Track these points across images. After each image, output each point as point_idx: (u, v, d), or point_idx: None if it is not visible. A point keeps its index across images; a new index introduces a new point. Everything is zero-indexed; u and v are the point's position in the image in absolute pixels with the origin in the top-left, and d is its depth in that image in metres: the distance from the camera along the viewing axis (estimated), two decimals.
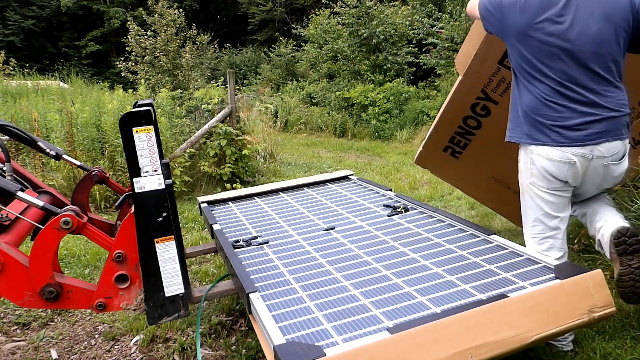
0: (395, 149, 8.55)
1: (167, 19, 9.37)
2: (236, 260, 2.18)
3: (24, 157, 5.55)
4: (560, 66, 1.88)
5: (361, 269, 2.05)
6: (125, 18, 14.21)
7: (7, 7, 21.57)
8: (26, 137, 2.27)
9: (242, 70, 19.16)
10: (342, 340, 1.50)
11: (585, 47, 1.83)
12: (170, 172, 4.00)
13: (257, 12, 22.84)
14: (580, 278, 1.70)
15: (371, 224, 2.59)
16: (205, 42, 12.78)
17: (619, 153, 1.94)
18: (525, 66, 1.98)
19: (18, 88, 9.12)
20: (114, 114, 5.34)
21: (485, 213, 4.26)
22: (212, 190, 5.72)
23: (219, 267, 3.49)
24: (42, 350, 2.58)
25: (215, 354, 2.44)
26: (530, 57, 1.95)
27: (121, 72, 9.95)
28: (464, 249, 2.15)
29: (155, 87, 8.98)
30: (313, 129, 11.04)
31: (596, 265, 2.76)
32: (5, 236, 1.85)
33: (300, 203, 3.12)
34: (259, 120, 8.14)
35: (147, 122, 1.78)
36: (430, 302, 1.71)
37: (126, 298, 1.90)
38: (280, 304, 1.79)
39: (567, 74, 1.87)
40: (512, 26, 1.98)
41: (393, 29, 11.28)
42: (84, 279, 3.40)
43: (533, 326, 1.56)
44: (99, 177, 2.46)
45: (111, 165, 5.33)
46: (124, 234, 1.86)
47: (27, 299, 1.81)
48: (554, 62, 1.89)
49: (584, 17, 1.83)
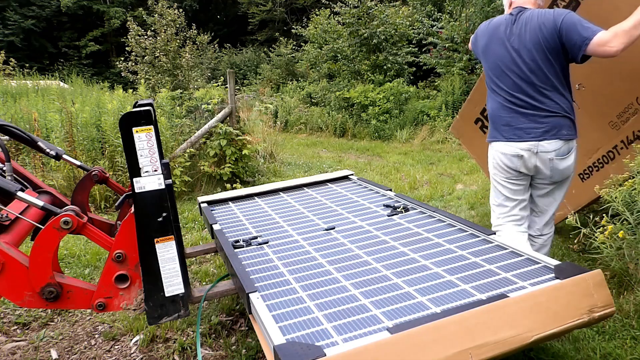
0: (395, 149, 8.55)
1: (167, 19, 9.36)
2: (236, 260, 2.18)
3: (24, 157, 5.55)
4: (508, 81, 2.34)
5: (361, 269, 2.05)
6: (125, 18, 14.21)
7: (7, 7, 21.56)
8: (26, 137, 2.27)
9: (242, 70, 19.16)
10: (342, 340, 1.50)
11: (524, 66, 2.26)
12: (170, 172, 4.00)
13: (257, 12, 22.84)
14: (580, 278, 1.70)
15: (371, 224, 2.59)
16: (205, 42, 12.75)
17: (561, 150, 2.29)
18: (488, 80, 2.48)
19: (18, 88, 9.11)
20: (114, 114, 5.34)
21: (485, 213, 4.26)
22: (212, 190, 5.72)
23: (219, 267, 3.49)
24: (42, 350, 2.58)
25: (215, 354, 2.44)
26: (490, 73, 2.44)
27: (121, 72, 9.95)
28: (464, 249, 2.15)
29: (155, 87, 8.97)
30: (313, 129, 11.05)
31: (596, 265, 2.76)
32: (5, 236, 1.85)
33: (300, 203, 3.12)
34: (259, 120, 8.15)
35: (147, 122, 1.78)
36: (430, 302, 1.71)
37: (126, 298, 1.90)
38: (280, 304, 1.79)
39: (514, 87, 2.31)
40: (479, 47, 2.52)
41: (393, 29, 11.28)
42: (84, 279, 3.40)
43: (533, 326, 1.56)
44: (99, 177, 2.46)
45: (111, 165, 5.33)
46: (124, 234, 1.86)
47: (27, 299, 1.81)
48: (503, 78, 2.35)
49: (522, 42, 2.26)
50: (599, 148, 2.96)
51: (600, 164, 3.00)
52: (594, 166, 3.04)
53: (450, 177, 5.90)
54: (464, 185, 5.46)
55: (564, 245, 3.27)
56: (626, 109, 2.77)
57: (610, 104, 2.83)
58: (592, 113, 2.94)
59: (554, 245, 3.28)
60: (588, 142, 2.94)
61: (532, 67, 2.24)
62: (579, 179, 3.12)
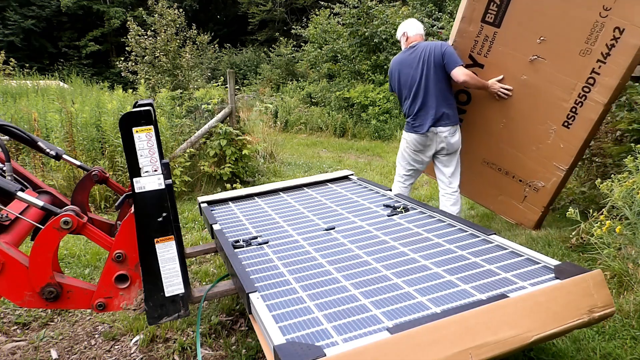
0: (395, 149, 8.53)
1: (167, 19, 9.36)
2: (236, 260, 2.18)
3: (24, 157, 5.55)
4: (411, 92, 3.33)
5: (361, 269, 2.05)
6: (125, 18, 14.22)
7: (7, 7, 21.56)
8: (26, 137, 2.27)
9: (242, 70, 19.16)
10: (342, 340, 1.50)
11: (422, 82, 3.25)
12: (170, 172, 4.00)
13: (257, 12, 22.84)
14: (580, 278, 1.70)
15: (371, 224, 2.59)
16: (205, 42, 12.76)
17: (449, 131, 3.28)
18: (403, 92, 3.43)
19: (18, 88, 9.11)
20: (113, 114, 5.34)
21: (485, 213, 4.26)
22: (212, 190, 5.72)
23: (219, 267, 3.49)
24: (42, 350, 2.58)
25: (215, 354, 2.44)
26: (401, 87, 3.42)
27: (121, 72, 9.95)
28: (464, 249, 2.15)
29: (155, 87, 8.97)
30: (313, 129, 11.04)
31: (596, 265, 2.76)
32: (5, 236, 1.85)
33: (300, 203, 3.12)
34: (259, 120, 8.15)
35: (147, 122, 1.78)
36: (430, 302, 1.71)
37: (126, 298, 1.90)
38: (280, 304, 1.79)
39: (415, 96, 3.30)
40: (394, 75, 3.46)
41: (393, 29, 11.27)
42: (84, 279, 3.40)
43: (533, 326, 1.56)
44: (99, 177, 2.46)
45: (111, 165, 5.33)
46: (124, 234, 1.86)
47: (27, 299, 1.81)
48: (406, 89, 3.36)
49: (416, 64, 3.27)
50: (576, 83, 3.05)
51: (582, 97, 3.06)
52: (576, 104, 3.10)
53: None
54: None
55: (564, 245, 3.27)
56: (592, 30, 2.92)
57: (575, 34, 2.98)
58: (561, 54, 3.07)
59: (553, 245, 3.29)
60: (561, 85, 3.10)
61: (427, 83, 3.23)
62: (564, 130, 3.18)
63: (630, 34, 2.82)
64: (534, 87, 3.20)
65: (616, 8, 2.83)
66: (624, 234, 2.62)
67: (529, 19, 3.12)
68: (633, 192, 2.62)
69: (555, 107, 3.16)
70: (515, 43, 3.20)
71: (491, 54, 3.31)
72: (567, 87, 3.09)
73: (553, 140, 3.22)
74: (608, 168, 3.63)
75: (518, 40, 3.18)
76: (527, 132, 3.32)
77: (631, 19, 2.80)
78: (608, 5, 2.85)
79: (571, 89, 3.08)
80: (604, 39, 2.90)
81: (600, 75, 2.96)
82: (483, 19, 3.25)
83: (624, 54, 2.85)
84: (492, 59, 3.31)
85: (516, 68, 3.23)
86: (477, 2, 3.24)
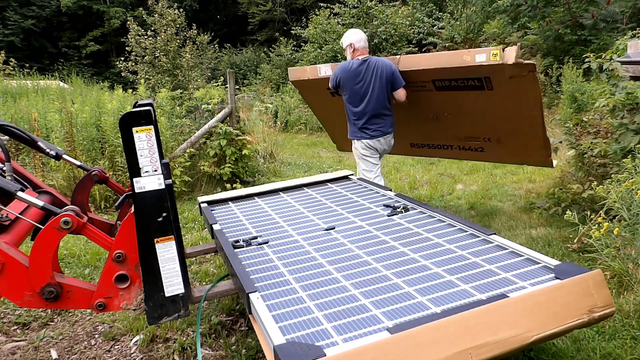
0: None
1: (167, 19, 9.37)
2: (236, 260, 2.18)
3: (24, 157, 5.55)
4: (362, 105, 3.76)
5: (361, 269, 2.05)
6: (125, 18, 14.22)
7: (7, 7, 21.56)
8: (26, 137, 2.27)
9: (242, 70, 19.15)
10: (342, 340, 1.50)
11: (371, 96, 3.70)
12: (170, 172, 3.99)
13: (257, 12, 22.83)
14: (580, 278, 1.70)
15: (371, 224, 2.59)
16: (205, 42, 12.76)
17: (390, 136, 3.87)
18: (348, 102, 3.86)
19: (18, 88, 9.11)
20: (113, 114, 5.35)
21: (485, 213, 4.26)
22: (212, 190, 5.72)
23: (219, 267, 3.49)
24: (42, 350, 2.58)
25: (215, 354, 2.44)
26: (349, 101, 3.83)
27: (121, 72, 9.95)
28: (464, 249, 2.15)
29: (155, 87, 8.98)
30: (313, 129, 11.04)
31: (596, 265, 2.76)
32: (5, 236, 1.85)
33: (300, 203, 3.12)
34: (259, 120, 8.15)
35: (147, 122, 1.79)
36: (430, 302, 1.71)
37: (126, 298, 1.90)
38: (280, 304, 1.79)
39: (367, 108, 3.74)
40: (342, 81, 3.81)
41: (393, 29, 11.28)
42: (84, 279, 3.40)
43: (533, 326, 1.56)
44: (99, 177, 2.46)
45: (111, 165, 5.33)
46: (124, 234, 1.86)
47: (27, 299, 1.81)
48: (359, 103, 3.77)
49: (369, 79, 3.69)
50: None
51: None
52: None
53: (450, 177, 5.90)
54: (463, 185, 5.46)
55: (564, 245, 3.27)
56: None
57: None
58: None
59: (553, 245, 3.29)
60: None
61: (376, 97, 3.70)
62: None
63: None
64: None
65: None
66: (623, 235, 2.62)
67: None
68: (632, 193, 2.62)
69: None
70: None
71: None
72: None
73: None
74: (608, 168, 3.64)
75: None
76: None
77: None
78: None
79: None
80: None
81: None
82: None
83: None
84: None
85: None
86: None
